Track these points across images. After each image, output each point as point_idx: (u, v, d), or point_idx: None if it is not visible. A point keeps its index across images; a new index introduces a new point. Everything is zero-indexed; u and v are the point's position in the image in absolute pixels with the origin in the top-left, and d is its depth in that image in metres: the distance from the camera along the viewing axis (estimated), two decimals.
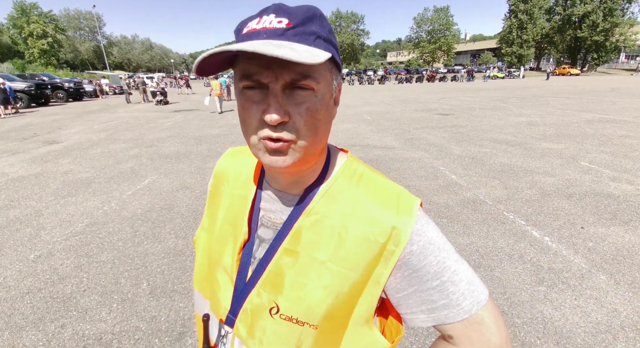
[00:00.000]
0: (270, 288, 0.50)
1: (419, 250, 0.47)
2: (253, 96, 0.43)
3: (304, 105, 0.43)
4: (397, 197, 0.50)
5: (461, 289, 0.48)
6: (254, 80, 0.42)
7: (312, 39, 0.42)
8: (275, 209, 0.54)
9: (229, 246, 0.56)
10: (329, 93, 0.46)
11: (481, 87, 25.58)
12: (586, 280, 2.35)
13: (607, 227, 3.07)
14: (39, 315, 2.14)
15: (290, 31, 0.41)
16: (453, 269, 0.48)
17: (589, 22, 46.74)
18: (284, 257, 0.50)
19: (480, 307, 0.48)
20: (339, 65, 0.49)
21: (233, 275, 0.55)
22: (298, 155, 0.45)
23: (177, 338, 1.93)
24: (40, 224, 3.43)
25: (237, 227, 0.57)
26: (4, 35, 52.01)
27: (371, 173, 0.54)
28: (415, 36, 63.82)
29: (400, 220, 0.47)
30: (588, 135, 6.89)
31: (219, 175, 0.65)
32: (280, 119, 0.41)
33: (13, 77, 16.60)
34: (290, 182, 0.53)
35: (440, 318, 0.48)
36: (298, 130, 0.43)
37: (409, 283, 0.48)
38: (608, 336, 1.87)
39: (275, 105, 0.41)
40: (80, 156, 6.24)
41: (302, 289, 0.48)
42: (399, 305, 0.51)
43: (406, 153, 5.89)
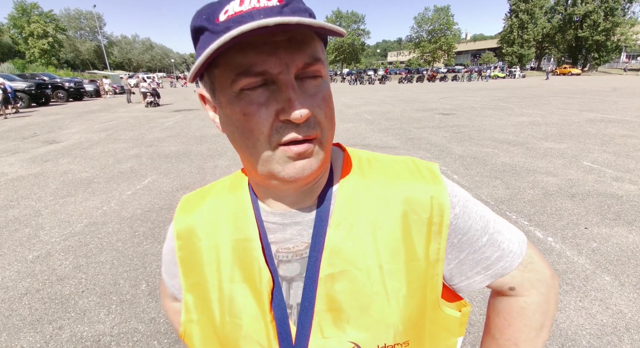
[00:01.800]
0: (334, 329, 0.40)
1: (461, 210, 0.45)
2: (258, 97, 0.35)
3: (319, 95, 0.37)
4: (416, 167, 0.47)
5: (507, 235, 0.46)
6: (258, 74, 0.34)
7: (307, 15, 0.36)
8: (291, 235, 0.44)
9: (249, 309, 0.42)
10: (328, 75, 0.41)
11: (482, 86, 25.54)
12: (590, 281, 2.32)
13: (611, 227, 3.04)
14: (37, 316, 2.11)
15: (286, 8, 0.34)
16: (493, 218, 0.47)
17: (590, 21, 46.70)
18: (331, 286, 0.40)
19: (526, 246, 0.47)
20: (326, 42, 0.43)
21: (272, 341, 0.41)
22: (321, 156, 0.39)
23: (176, 340, 1.91)
24: (39, 224, 3.41)
25: (252, 278, 0.43)
26: (5, 35, 52.09)
27: (375, 155, 0.51)
28: (416, 36, 63.80)
29: (433, 189, 0.44)
30: (590, 135, 6.86)
31: (184, 235, 0.49)
32: (309, 112, 0.34)
33: (13, 77, 16.62)
34: (302, 195, 0.44)
35: (498, 272, 0.45)
36: (320, 123, 0.37)
37: (460, 249, 0.45)
38: (613, 338, 1.84)
39: (298, 97, 0.34)
40: (80, 156, 6.22)
41: (374, 308, 0.40)
42: (451, 276, 0.47)
43: (407, 153, 5.86)
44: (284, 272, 0.44)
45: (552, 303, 0.48)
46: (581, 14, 47.24)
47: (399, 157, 0.50)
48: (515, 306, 0.48)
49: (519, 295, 0.48)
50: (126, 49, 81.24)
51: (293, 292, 0.43)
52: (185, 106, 15.25)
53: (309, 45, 0.35)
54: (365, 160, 0.48)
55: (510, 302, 0.49)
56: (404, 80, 35.98)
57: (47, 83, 17.85)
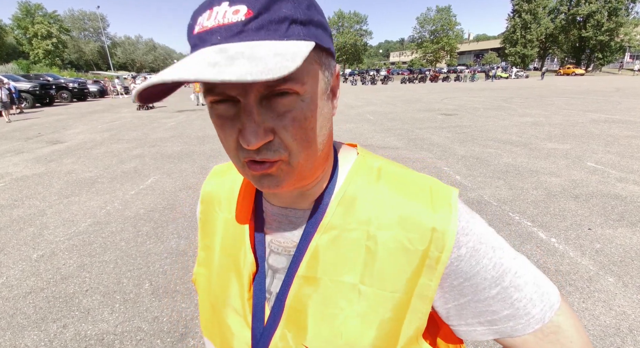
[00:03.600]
0: (296, 329, 0.41)
1: (469, 253, 0.39)
2: (225, 111, 0.34)
3: (288, 116, 0.34)
4: (429, 190, 0.42)
5: (528, 294, 0.39)
6: (219, 93, 0.33)
7: (283, 28, 0.31)
8: (284, 231, 0.45)
9: (233, 282, 0.47)
10: (320, 91, 0.36)
11: (484, 87, 25.46)
12: (594, 282, 2.31)
13: (615, 228, 3.03)
14: (41, 315, 2.13)
15: (252, 24, 0.31)
16: (514, 271, 0.40)
17: (593, 21, 46.43)
18: (303, 287, 0.41)
19: (553, 313, 0.39)
20: (331, 49, 0.38)
21: (247, 316, 0.45)
22: (293, 176, 0.37)
23: (179, 339, 1.92)
24: (43, 224, 3.43)
25: (240, 258, 0.47)
26: (9, 35, 52.43)
27: (391, 166, 0.45)
28: (418, 36, 63.69)
29: (439, 219, 0.39)
30: (594, 136, 6.82)
31: (207, 200, 0.54)
32: (260, 141, 0.33)
33: (18, 77, 16.74)
34: (294, 197, 0.45)
35: (506, 331, 0.39)
36: (287, 147, 0.35)
37: (461, 293, 0.40)
38: (616, 339, 1.84)
39: (250, 125, 0.32)
40: (83, 156, 6.26)
41: (333, 323, 0.39)
42: (448, 316, 0.42)
43: (409, 153, 5.85)
44: (273, 261, 0.46)
45: None
46: (585, 14, 46.96)
47: (418, 175, 0.44)
48: None
49: None
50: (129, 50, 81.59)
51: (276, 282, 0.45)
52: (187, 106, 15.30)
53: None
54: (376, 170, 0.44)
55: None
56: (406, 80, 35.92)
57: (51, 83, 17.99)
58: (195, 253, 2.79)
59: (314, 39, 0.33)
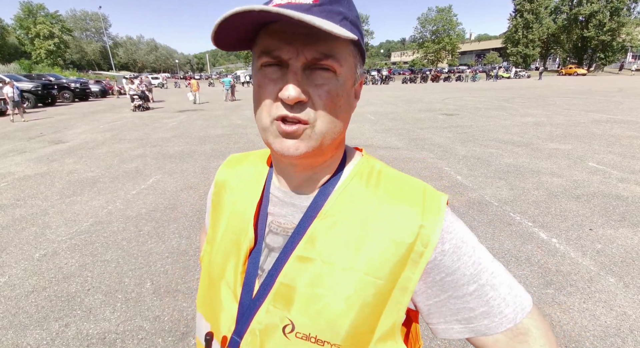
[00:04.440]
0: (283, 303, 0.44)
1: (451, 249, 0.43)
2: (271, 73, 0.40)
3: (324, 87, 0.40)
4: (422, 194, 0.46)
5: (502, 294, 0.42)
6: (274, 56, 0.39)
7: (339, 18, 0.39)
8: (286, 213, 0.49)
9: (231, 257, 0.51)
10: (351, 79, 0.43)
11: (486, 87, 25.42)
12: (595, 282, 2.31)
13: (616, 228, 3.02)
14: (43, 314, 2.14)
15: (317, 8, 0.38)
16: (491, 271, 0.43)
17: (595, 21, 46.27)
18: (296, 266, 0.45)
19: (525, 315, 0.42)
20: (364, 54, 0.45)
21: (237, 290, 0.48)
22: (313, 144, 0.41)
23: (180, 338, 1.93)
24: (45, 223, 3.45)
25: (241, 234, 0.51)
26: (11, 35, 52.60)
27: (390, 169, 0.51)
28: (420, 36, 63.60)
29: (427, 218, 0.43)
30: (596, 136, 6.81)
31: (220, 185, 0.60)
32: (298, 96, 0.38)
33: (20, 77, 16.78)
34: (302, 179, 0.48)
35: (480, 329, 0.42)
36: (316, 113, 0.40)
37: (442, 288, 0.43)
38: (617, 340, 1.84)
39: (293, 81, 0.38)
40: (85, 156, 6.28)
41: (320, 302, 0.42)
42: (429, 313, 0.45)
43: (410, 153, 5.85)
44: (270, 240, 0.50)
45: None
46: (586, 14, 46.82)
47: (412, 179, 0.49)
48: None
49: None
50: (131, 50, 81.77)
51: (269, 260, 0.48)
52: (188, 107, 15.32)
53: (324, 42, 0.38)
54: (377, 171, 0.49)
55: None
56: (408, 80, 35.89)
57: (53, 83, 18.01)
58: (196, 253, 2.80)
59: (358, 37, 0.40)
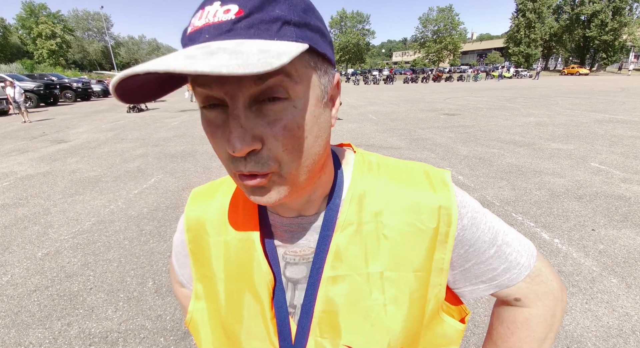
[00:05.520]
0: (331, 332, 0.41)
1: (469, 222, 0.44)
2: (215, 118, 0.33)
3: (279, 124, 0.32)
4: (426, 175, 0.46)
5: (515, 247, 0.46)
6: (207, 97, 0.32)
7: (275, 28, 0.30)
8: (298, 240, 0.45)
9: (249, 306, 0.44)
10: (314, 97, 0.34)
11: (488, 86, 25.37)
12: (597, 283, 2.30)
13: (618, 229, 3.01)
14: (46, 313, 2.15)
15: (242, 23, 0.29)
16: (502, 230, 0.46)
17: (597, 21, 46.12)
18: (331, 289, 0.41)
19: (535, 259, 0.47)
20: (327, 56, 0.35)
21: (272, 338, 0.43)
22: (286, 188, 0.35)
23: (182, 337, 1.93)
24: (48, 222, 3.46)
25: (253, 277, 0.44)
26: (13, 35, 52.80)
27: (386, 159, 0.49)
28: (421, 36, 63.54)
29: (441, 198, 0.43)
30: (598, 136, 6.79)
31: (195, 228, 0.50)
32: (246, 148, 0.31)
33: (22, 77, 16.85)
34: (301, 204, 0.44)
35: (503, 283, 0.46)
36: (277, 158, 0.33)
37: (466, 258, 0.45)
38: (619, 340, 1.83)
39: (236, 130, 0.31)
40: (87, 155, 6.30)
41: (371, 314, 0.41)
42: (455, 280, 0.47)
43: (412, 153, 5.85)
44: (290, 273, 0.45)
45: (558, 317, 0.48)
46: (589, 14, 46.69)
47: (410, 163, 0.48)
48: (520, 316, 0.48)
49: (524, 306, 0.48)
50: (133, 50, 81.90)
51: (298, 293, 0.44)
52: (189, 107, 15.34)
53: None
54: (375, 164, 0.47)
55: (514, 312, 0.49)
56: (409, 80, 35.85)
57: (56, 83, 18.09)
58: None
59: (308, 41, 0.32)
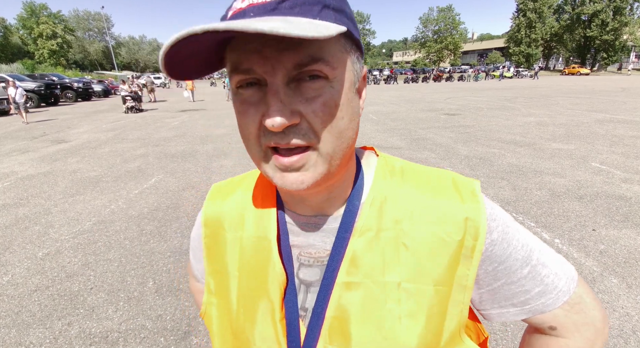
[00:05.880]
0: (340, 340, 0.39)
1: (500, 237, 0.40)
2: (250, 96, 0.33)
3: (318, 100, 0.32)
4: (453, 184, 0.43)
5: (553, 269, 0.41)
6: (246, 72, 0.32)
7: (316, 9, 0.31)
8: (314, 241, 0.43)
9: (260, 305, 0.43)
10: (349, 80, 0.35)
11: (488, 86, 25.35)
12: (598, 283, 2.30)
13: (619, 229, 3.01)
14: (46, 313, 2.15)
15: (286, 3, 0.31)
16: (538, 248, 0.42)
17: (598, 21, 46.08)
18: (344, 294, 0.39)
19: (575, 284, 0.42)
20: (360, 44, 0.37)
21: (281, 340, 0.42)
22: (321, 170, 0.35)
23: (182, 337, 1.93)
24: (48, 222, 3.46)
25: (265, 276, 0.43)
26: (14, 35, 52.87)
27: (412, 164, 0.46)
28: (422, 36, 63.51)
29: (469, 209, 0.40)
30: (599, 136, 6.78)
31: (212, 222, 0.49)
32: (286, 121, 0.31)
33: (23, 77, 16.88)
34: (321, 202, 0.42)
35: (537, 309, 0.41)
36: (316, 133, 0.33)
37: (495, 277, 0.41)
38: (620, 341, 1.83)
39: (276, 104, 0.31)
40: (88, 155, 6.31)
41: (383, 325, 0.38)
42: (481, 301, 0.43)
43: (412, 153, 5.84)
44: (304, 275, 0.43)
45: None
46: (589, 13, 46.63)
47: (437, 170, 0.45)
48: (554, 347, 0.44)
49: (560, 336, 0.43)
50: (134, 50, 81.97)
51: (310, 296, 0.43)
52: (189, 106, 15.35)
53: (308, 43, 0.30)
54: (399, 169, 0.45)
55: (548, 342, 0.44)
56: (410, 80, 35.84)
57: (56, 83, 18.11)
58: None
59: (346, 26, 0.32)
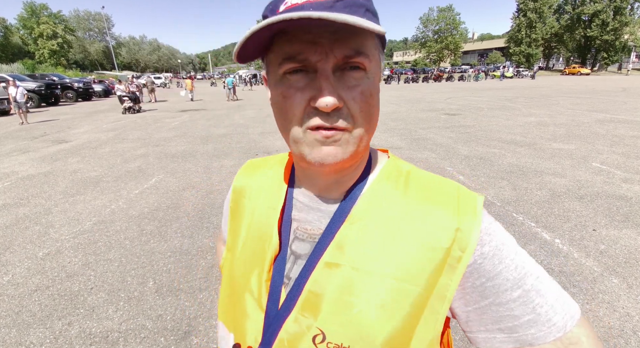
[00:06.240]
0: (311, 312, 0.42)
1: (492, 252, 0.40)
2: (297, 81, 0.38)
3: (357, 89, 0.38)
4: (455, 194, 0.43)
5: (549, 300, 0.38)
6: (299, 61, 0.37)
7: (362, 11, 0.37)
8: (312, 218, 0.47)
9: (255, 265, 0.48)
10: (378, 75, 0.41)
11: (489, 86, 25.34)
12: (598, 283, 2.30)
13: (620, 229, 3.01)
14: (47, 313, 2.15)
15: (340, 3, 0.36)
16: (536, 275, 0.39)
17: (598, 21, 46.04)
18: (325, 273, 0.42)
19: (575, 323, 0.38)
20: (385, 44, 0.43)
21: (262, 299, 0.46)
22: (352, 149, 0.39)
23: (182, 337, 1.93)
24: (49, 222, 3.47)
25: (264, 241, 0.48)
26: (15, 35, 52.89)
27: (419, 170, 0.48)
28: (422, 36, 63.44)
29: (464, 221, 0.40)
30: (599, 136, 6.77)
31: (238, 191, 0.58)
32: (335, 102, 0.36)
33: (24, 77, 16.88)
34: (329, 183, 0.46)
35: (526, 339, 0.38)
36: (354, 117, 0.38)
37: (482, 294, 0.39)
38: (620, 341, 1.83)
39: (328, 87, 0.36)
40: (88, 155, 6.31)
41: (351, 310, 0.40)
42: (468, 321, 0.41)
43: (413, 153, 5.84)
44: (296, 247, 0.47)
45: None
46: (590, 13, 46.59)
47: (443, 180, 0.46)
48: None
49: None
50: (134, 50, 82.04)
51: (296, 268, 0.46)
52: (190, 106, 15.35)
53: (354, 38, 0.36)
54: (405, 172, 0.47)
55: None
56: (410, 80, 35.83)
57: (57, 83, 18.12)
58: (198, 253, 2.81)
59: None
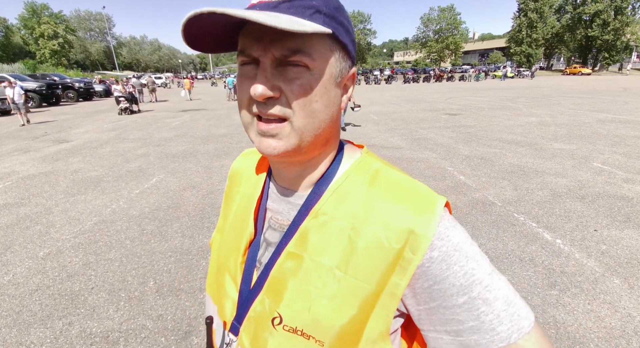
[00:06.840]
0: (273, 297, 0.46)
1: (440, 257, 0.40)
2: (248, 72, 0.41)
3: (296, 82, 0.39)
4: (416, 196, 0.44)
5: (496, 310, 0.39)
6: (247, 55, 0.40)
7: (309, 12, 0.38)
8: (282, 209, 0.51)
9: (234, 248, 0.54)
10: (329, 73, 0.41)
11: (489, 86, 25.31)
12: (599, 284, 2.29)
13: (621, 229, 3.00)
14: (47, 312, 2.15)
15: (285, 4, 0.38)
16: (485, 284, 0.40)
17: (599, 21, 45.97)
18: (287, 262, 0.46)
19: (521, 335, 0.38)
20: (348, 48, 0.44)
21: (238, 279, 0.52)
22: (293, 141, 0.41)
23: (183, 337, 1.93)
24: (49, 222, 3.47)
25: (243, 227, 0.54)
26: (16, 35, 52.98)
27: (388, 169, 0.48)
28: (423, 35, 63.40)
29: (419, 223, 0.41)
30: (601, 136, 6.76)
31: (232, 176, 0.63)
32: (264, 93, 0.38)
33: (24, 77, 16.89)
34: (293, 176, 0.49)
35: (469, 344, 0.39)
36: (292, 107, 0.40)
37: (430, 296, 0.41)
38: (622, 341, 1.82)
39: (261, 78, 0.39)
40: (89, 155, 6.31)
41: (307, 298, 0.43)
42: (420, 319, 0.43)
43: (413, 153, 5.84)
44: (268, 235, 0.51)
45: None
46: (591, 13, 46.52)
47: (410, 181, 0.46)
48: None
49: None
50: (135, 50, 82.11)
51: (267, 254, 0.50)
52: (191, 106, 15.36)
53: (291, 38, 0.38)
54: (373, 171, 0.47)
55: None
56: (411, 80, 35.81)
57: (58, 83, 18.12)
58: (198, 253, 2.81)
59: (333, 29, 0.40)
